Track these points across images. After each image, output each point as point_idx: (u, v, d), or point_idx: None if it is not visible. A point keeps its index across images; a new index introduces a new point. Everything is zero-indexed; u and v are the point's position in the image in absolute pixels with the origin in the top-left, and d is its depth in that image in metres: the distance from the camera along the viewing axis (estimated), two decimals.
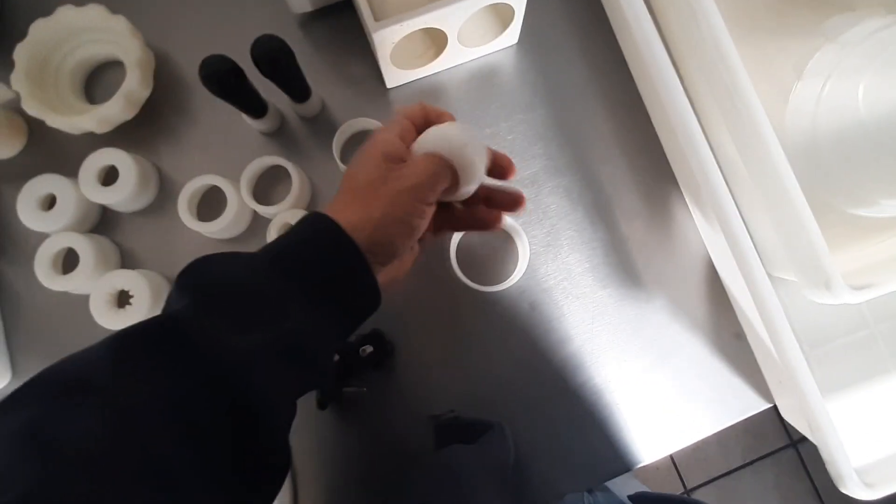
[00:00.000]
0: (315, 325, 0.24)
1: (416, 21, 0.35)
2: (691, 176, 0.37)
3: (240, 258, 0.25)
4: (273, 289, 0.24)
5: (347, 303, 0.26)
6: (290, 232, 0.26)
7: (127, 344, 0.21)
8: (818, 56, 0.36)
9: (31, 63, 0.38)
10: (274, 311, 0.23)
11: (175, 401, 0.20)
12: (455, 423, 0.38)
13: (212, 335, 0.22)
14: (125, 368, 0.20)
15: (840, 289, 0.30)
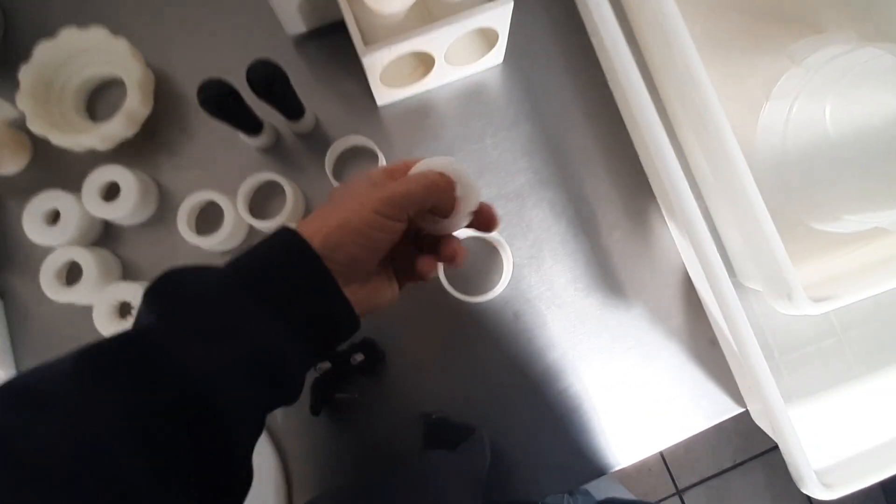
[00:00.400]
0: (282, 344, 0.24)
1: (403, 45, 0.37)
2: (665, 191, 0.39)
3: (207, 272, 0.25)
4: (238, 305, 0.24)
5: (316, 318, 0.26)
6: (256, 245, 0.26)
7: (93, 357, 0.21)
8: (784, 78, 0.38)
9: (35, 83, 0.40)
10: (240, 329, 0.23)
11: (136, 416, 0.20)
12: (443, 423, 0.40)
13: (177, 351, 0.22)
14: (89, 381, 0.21)
15: (801, 300, 0.32)
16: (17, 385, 0.21)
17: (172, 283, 0.24)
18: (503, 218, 0.44)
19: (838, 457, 0.36)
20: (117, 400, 0.20)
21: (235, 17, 0.45)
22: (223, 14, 0.46)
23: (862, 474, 0.32)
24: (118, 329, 0.38)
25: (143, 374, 0.21)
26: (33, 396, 0.20)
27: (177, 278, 0.24)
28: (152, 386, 0.21)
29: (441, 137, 0.45)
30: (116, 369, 0.21)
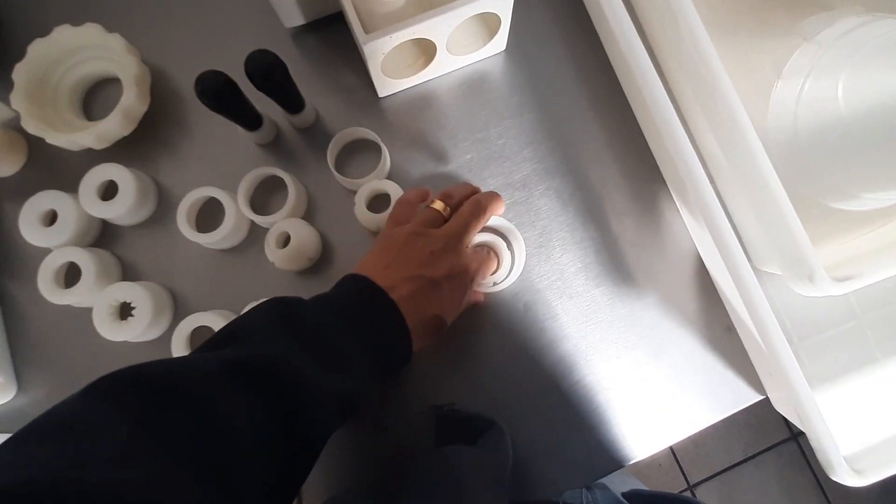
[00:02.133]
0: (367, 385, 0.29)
1: (404, 32, 0.36)
2: (677, 174, 0.38)
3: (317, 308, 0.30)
4: (348, 346, 0.29)
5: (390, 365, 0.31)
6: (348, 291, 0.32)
7: (240, 370, 0.25)
8: (796, 55, 0.37)
9: (30, 82, 0.39)
10: (349, 369, 0.28)
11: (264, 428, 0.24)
12: (455, 416, 0.38)
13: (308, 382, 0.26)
14: (234, 390, 0.24)
15: (823, 281, 0.31)
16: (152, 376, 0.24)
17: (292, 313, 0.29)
18: (510, 208, 0.43)
19: (866, 443, 0.35)
20: (254, 411, 0.24)
21: (232, 11, 0.45)
22: (219, 8, 0.45)
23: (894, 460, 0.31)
24: (118, 330, 0.37)
25: (279, 397, 0.25)
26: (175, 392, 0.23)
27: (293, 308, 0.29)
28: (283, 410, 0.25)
29: (444, 127, 0.44)
30: (260, 385, 0.25)
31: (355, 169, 0.43)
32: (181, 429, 0.21)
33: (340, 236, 0.42)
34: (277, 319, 0.28)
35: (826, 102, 0.38)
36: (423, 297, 0.32)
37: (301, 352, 0.27)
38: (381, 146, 0.41)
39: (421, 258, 0.33)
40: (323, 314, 0.29)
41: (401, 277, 0.32)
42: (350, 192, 0.43)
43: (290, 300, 0.30)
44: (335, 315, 0.29)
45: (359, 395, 0.29)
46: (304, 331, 0.28)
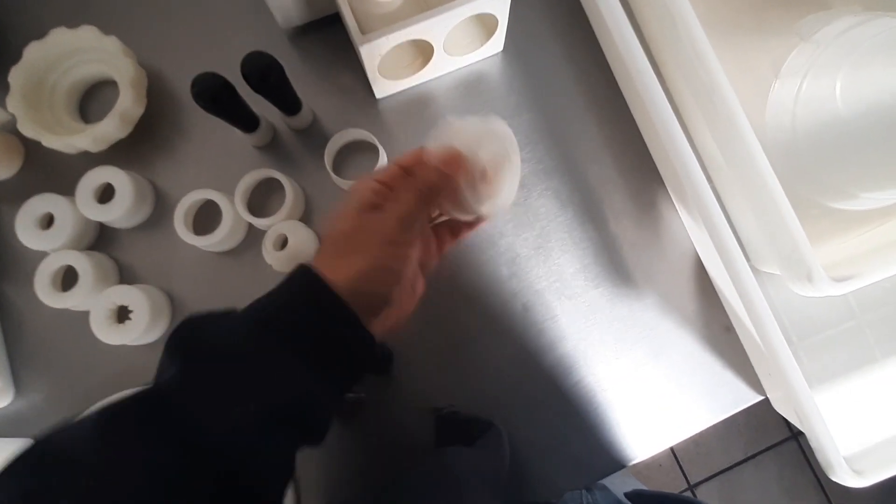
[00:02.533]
0: (311, 390, 0.24)
1: (401, 34, 0.36)
2: (675, 175, 0.38)
3: (227, 319, 0.24)
4: (260, 355, 0.23)
5: (343, 362, 0.25)
6: (277, 289, 0.25)
7: (114, 418, 0.21)
8: (794, 55, 0.37)
9: (26, 85, 0.39)
10: (264, 380, 0.23)
11: (157, 480, 0.20)
12: (455, 418, 0.38)
13: (198, 410, 0.21)
14: (111, 443, 0.21)
15: (822, 281, 0.31)
16: (39, 449, 0.21)
17: (192, 333, 0.24)
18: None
19: (866, 443, 0.35)
20: (136, 464, 0.20)
21: (228, 13, 0.45)
22: (215, 10, 0.45)
23: (894, 460, 0.31)
24: (116, 334, 0.37)
25: (162, 436, 0.21)
26: (55, 460, 0.20)
27: (196, 327, 0.24)
28: (173, 448, 0.21)
29: None
30: (135, 431, 0.21)
31: (352, 170, 0.43)
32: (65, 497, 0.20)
33: None
34: (173, 345, 0.24)
35: (824, 102, 0.38)
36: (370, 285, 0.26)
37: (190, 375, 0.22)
38: (379, 147, 0.41)
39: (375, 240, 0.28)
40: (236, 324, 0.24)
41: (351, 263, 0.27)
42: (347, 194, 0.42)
43: (200, 318, 0.25)
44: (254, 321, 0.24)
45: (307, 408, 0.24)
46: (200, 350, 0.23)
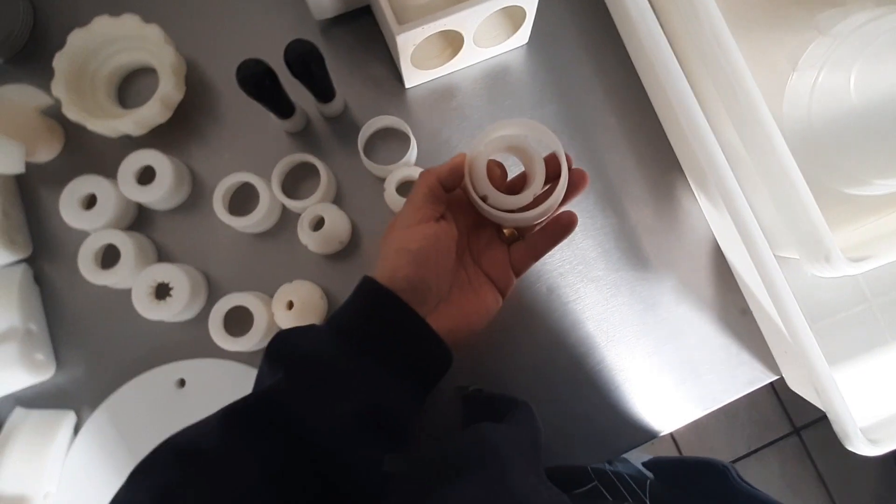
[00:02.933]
0: (389, 392, 0.27)
1: (436, 24, 0.37)
2: (696, 162, 0.40)
3: (314, 332, 0.28)
4: (351, 363, 0.26)
5: (414, 360, 0.28)
6: (347, 302, 0.29)
7: (235, 416, 0.25)
8: (811, 48, 0.39)
9: (69, 70, 0.41)
10: (353, 385, 0.26)
11: (275, 474, 0.23)
12: (480, 396, 0.39)
13: (303, 408, 0.25)
14: (231, 439, 0.24)
15: (839, 261, 0.33)
16: (171, 445, 0.25)
17: (288, 344, 0.27)
18: None
19: (878, 416, 0.36)
20: (257, 458, 0.24)
21: (262, 4, 0.46)
22: (249, 2, 0.46)
23: None
24: (157, 310, 0.38)
25: (274, 431, 0.24)
26: (186, 455, 0.24)
27: (290, 339, 0.28)
28: (283, 442, 0.24)
29: (468, 117, 0.45)
30: (256, 430, 0.24)
31: (382, 157, 0.44)
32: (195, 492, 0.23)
33: (368, 222, 0.43)
34: (273, 355, 0.27)
35: (839, 93, 0.39)
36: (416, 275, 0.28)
37: (294, 381, 0.25)
38: (410, 134, 0.42)
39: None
40: (323, 336, 0.27)
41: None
42: (376, 180, 0.44)
43: (289, 332, 0.28)
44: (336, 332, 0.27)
45: (386, 407, 0.26)
46: (298, 359, 0.26)
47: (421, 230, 0.28)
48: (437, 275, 0.29)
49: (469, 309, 0.30)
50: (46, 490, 0.38)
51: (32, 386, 0.40)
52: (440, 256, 0.29)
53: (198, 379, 0.40)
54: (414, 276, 0.28)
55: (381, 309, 0.27)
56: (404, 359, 0.27)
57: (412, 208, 0.29)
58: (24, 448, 0.37)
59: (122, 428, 0.39)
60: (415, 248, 0.28)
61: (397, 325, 0.27)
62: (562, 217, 0.32)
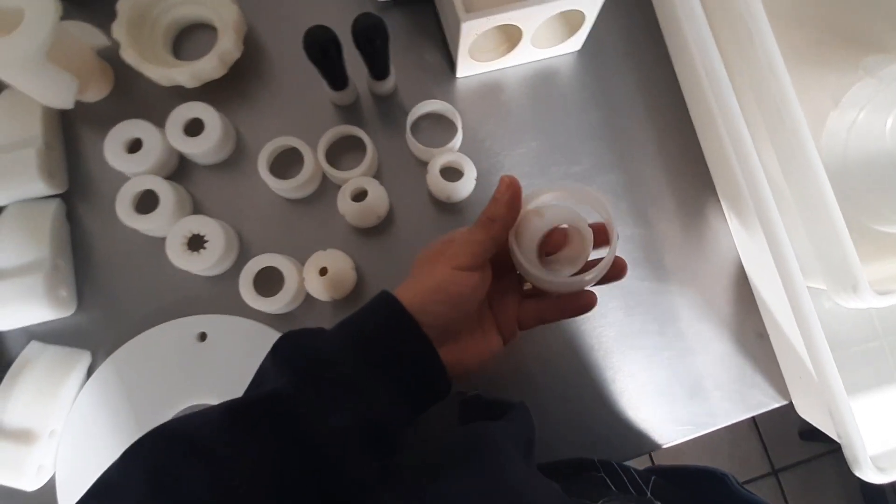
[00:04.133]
0: (389, 408, 0.27)
1: (502, 17, 0.38)
2: (735, 185, 0.41)
3: (324, 337, 0.28)
4: (354, 372, 0.26)
5: (416, 383, 0.28)
6: (363, 311, 0.28)
7: (237, 414, 0.24)
8: (856, 88, 0.40)
9: (131, 15, 0.41)
10: (357, 394, 0.26)
11: (274, 472, 0.23)
12: (479, 401, 0.40)
13: (308, 412, 0.25)
14: (232, 434, 0.24)
15: (866, 292, 0.34)
16: (169, 429, 0.24)
17: (298, 347, 0.27)
18: None
19: (886, 447, 0.37)
20: (258, 455, 0.24)
21: None
22: None
23: None
24: (189, 261, 0.38)
25: (280, 434, 0.24)
26: (185, 442, 0.23)
27: (299, 341, 0.28)
28: (284, 446, 0.24)
29: (514, 113, 0.46)
30: (258, 428, 0.24)
31: (425, 140, 0.45)
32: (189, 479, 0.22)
33: (404, 202, 0.44)
34: (281, 356, 0.27)
35: (875, 134, 0.41)
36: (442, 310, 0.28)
37: (301, 385, 0.25)
38: (457, 122, 0.43)
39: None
40: (333, 343, 0.27)
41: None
42: (416, 162, 0.45)
43: (298, 333, 0.28)
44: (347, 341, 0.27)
45: (383, 423, 0.26)
46: (307, 363, 0.26)
47: (468, 278, 0.28)
48: (462, 319, 0.30)
49: (472, 349, 0.31)
50: (52, 428, 0.37)
51: (50, 322, 0.40)
52: (474, 304, 0.29)
53: (219, 334, 0.40)
54: (443, 315, 0.28)
55: (400, 332, 0.27)
56: (411, 384, 0.27)
57: (468, 252, 0.29)
58: (37, 382, 0.37)
59: (137, 375, 0.39)
60: (454, 293, 0.28)
61: (413, 353, 0.27)
62: (581, 297, 0.32)
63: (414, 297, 0.28)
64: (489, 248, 0.29)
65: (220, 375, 0.39)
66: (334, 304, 0.41)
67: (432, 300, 0.28)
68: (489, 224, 0.29)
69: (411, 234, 0.43)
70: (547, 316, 0.32)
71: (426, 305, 0.27)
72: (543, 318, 0.32)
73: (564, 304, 0.32)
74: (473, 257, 0.29)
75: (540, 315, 0.32)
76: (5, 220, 0.39)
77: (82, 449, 0.38)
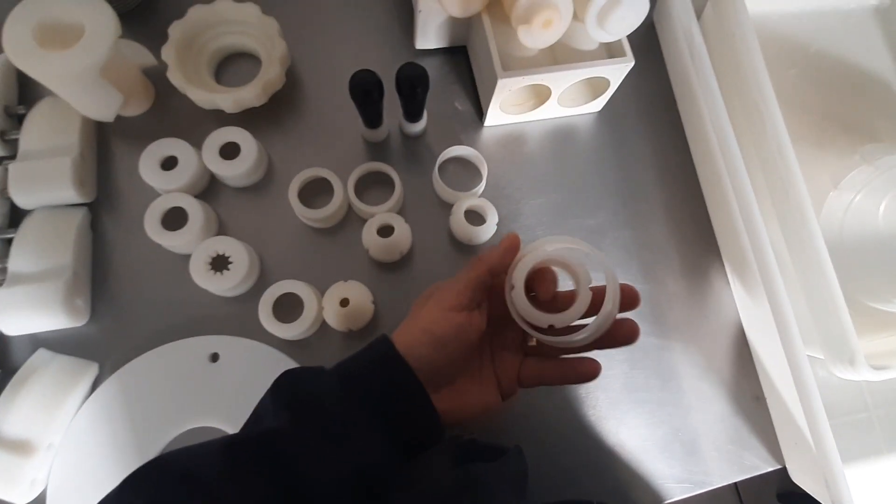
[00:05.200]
0: (381, 456, 0.27)
1: (535, 77, 0.41)
2: (740, 252, 0.43)
3: (323, 378, 0.28)
4: (351, 416, 0.26)
5: (410, 432, 0.28)
6: (361, 353, 0.29)
7: (236, 450, 0.25)
8: (854, 173, 0.43)
9: (181, 39, 0.43)
10: (352, 440, 0.26)
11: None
12: (473, 446, 0.40)
13: (303, 457, 0.25)
14: (230, 471, 0.24)
15: (862, 366, 0.36)
16: (169, 461, 0.25)
17: (295, 387, 0.28)
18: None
19: None
20: (252, 493, 0.24)
21: (371, 25, 0.50)
22: (358, 22, 0.50)
23: None
24: (212, 281, 0.39)
25: (275, 474, 0.24)
26: (184, 478, 0.24)
27: (299, 382, 0.28)
28: (281, 486, 0.24)
29: (535, 165, 0.49)
30: (254, 465, 0.24)
31: (450, 182, 0.47)
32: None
33: (425, 241, 0.45)
34: (279, 396, 0.28)
35: (869, 217, 0.44)
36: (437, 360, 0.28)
37: (299, 427, 0.26)
38: (483, 168, 0.45)
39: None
40: (331, 385, 0.27)
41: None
42: (440, 203, 0.46)
43: (299, 373, 0.29)
44: (343, 384, 0.27)
45: (376, 469, 0.26)
46: (305, 405, 0.27)
47: (451, 318, 0.29)
48: (451, 363, 0.29)
49: (468, 399, 0.30)
50: (51, 441, 0.37)
51: (60, 330, 0.40)
52: (460, 347, 0.29)
53: (232, 356, 0.40)
54: (427, 357, 0.28)
55: (391, 374, 0.27)
56: (402, 428, 0.27)
57: (454, 291, 0.29)
58: (42, 393, 0.36)
59: (143, 392, 0.39)
60: (439, 334, 0.28)
61: (404, 395, 0.27)
62: (582, 364, 0.31)
63: (405, 339, 0.28)
64: (474, 288, 0.29)
65: (229, 398, 0.39)
66: (349, 335, 0.42)
67: (418, 342, 0.28)
68: (476, 263, 0.30)
69: (430, 272, 0.45)
70: (547, 376, 0.32)
71: (413, 348, 0.28)
72: (543, 378, 0.32)
73: (567, 367, 0.32)
74: (458, 296, 0.29)
75: (541, 375, 0.32)
76: (31, 223, 0.39)
77: (77, 465, 0.37)
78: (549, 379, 0.32)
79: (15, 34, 0.34)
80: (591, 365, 0.31)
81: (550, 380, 0.32)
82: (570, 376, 0.32)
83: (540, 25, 0.38)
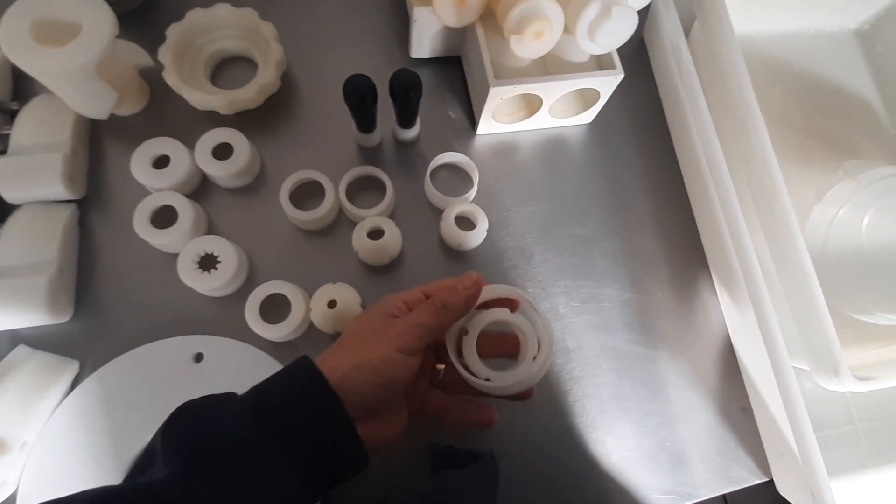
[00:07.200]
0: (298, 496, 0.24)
1: (527, 86, 0.42)
2: (728, 264, 0.44)
3: (228, 409, 0.25)
4: (262, 458, 0.24)
5: (332, 471, 0.26)
6: (277, 378, 0.27)
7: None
8: (837, 188, 0.44)
9: (178, 41, 0.43)
10: (263, 486, 0.23)
11: None
12: (450, 451, 0.40)
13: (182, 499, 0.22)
14: None
15: (846, 377, 0.36)
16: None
17: (191, 429, 0.24)
18: (569, 257, 0.47)
19: None
20: None
21: (367, 33, 0.50)
22: (356, 29, 0.51)
23: None
24: (199, 280, 0.38)
25: None
26: None
27: (196, 419, 0.25)
28: None
29: (525, 173, 0.49)
30: None
31: (440, 188, 0.47)
32: None
33: (415, 245, 0.45)
34: (169, 439, 0.24)
35: (852, 231, 0.45)
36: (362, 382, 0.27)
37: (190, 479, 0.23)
38: (474, 174, 0.46)
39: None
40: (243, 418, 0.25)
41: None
42: (431, 208, 0.46)
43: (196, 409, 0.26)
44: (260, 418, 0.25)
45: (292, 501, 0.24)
46: (201, 449, 0.24)
47: (408, 363, 0.28)
48: (388, 399, 0.29)
49: (386, 428, 0.29)
50: (25, 440, 0.36)
51: (42, 327, 0.39)
52: (403, 386, 0.29)
53: (216, 357, 0.39)
54: (372, 395, 0.27)
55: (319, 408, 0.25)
56: (325, 461, 0.26)
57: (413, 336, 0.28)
58: (19, 390, 0.35)
59: (123, 392, 0.38)
60: (392, 376, 0.27)
61: (332, 432, 0.25)
62: (480, 410, 0.33)
63: (341, 370, 0.26)
64: (436, 334, 0.29)
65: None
66: (336, 337, 0.41)
67: (366, 380, 0.27)
68: (442, 311, 0.29)
69: (419, 276, 0.45)
70: (448, 412, 0.33)
71: (355, 384, 0.26)
72: (445, 413, 0.33)
73: (468, 410, 0.33)
74: (419, 341, 0.28)
75: (445, 409, 0.33)
76: (18, 218, 0.39)
77: (51, 467, 0.36)
78: (449, 415, 0.33)
79: (11, 29, 0.34)
80: (488, 414, 0.33)
81: (448, 416, 0.33)
82: (468, 419, 0.33)
83: (531, 36, 0.39)
